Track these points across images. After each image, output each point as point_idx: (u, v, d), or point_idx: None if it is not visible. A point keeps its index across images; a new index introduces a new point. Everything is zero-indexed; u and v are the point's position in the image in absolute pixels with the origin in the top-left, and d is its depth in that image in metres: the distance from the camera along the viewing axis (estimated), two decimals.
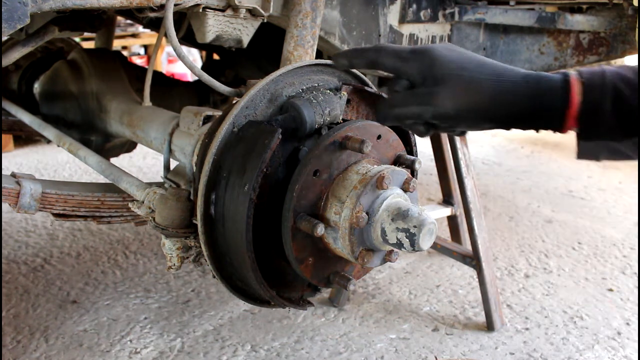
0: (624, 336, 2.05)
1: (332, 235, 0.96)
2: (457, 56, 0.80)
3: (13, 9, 0.95)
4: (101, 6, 1.08)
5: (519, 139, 4.71)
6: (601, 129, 0.73)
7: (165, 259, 1.45)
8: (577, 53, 2.12)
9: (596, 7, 2.06)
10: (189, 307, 2.12)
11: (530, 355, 1.92)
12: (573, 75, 0.74)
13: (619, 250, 2.75)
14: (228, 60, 2.48)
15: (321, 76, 1.08)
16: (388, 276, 2.40)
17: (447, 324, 2.08)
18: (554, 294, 2.31)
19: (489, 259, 2.03)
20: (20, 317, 2.03)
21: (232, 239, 0.96)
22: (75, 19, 1.50)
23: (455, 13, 1.82)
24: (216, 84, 1.16)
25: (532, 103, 0.75)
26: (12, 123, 2.16)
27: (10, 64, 1.57)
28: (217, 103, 2.31)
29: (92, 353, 1.85)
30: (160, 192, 1.15)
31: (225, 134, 0.98)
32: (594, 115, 0.72)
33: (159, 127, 1.46)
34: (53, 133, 1.65)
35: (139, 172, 3.69)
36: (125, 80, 1.88)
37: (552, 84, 0.75)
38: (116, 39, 4.50)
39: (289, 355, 1.88)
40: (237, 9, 1.27)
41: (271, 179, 0.96)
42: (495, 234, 2.87)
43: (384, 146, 1.04)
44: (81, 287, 2.23)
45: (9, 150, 4.00)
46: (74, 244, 2.59)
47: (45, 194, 1.26)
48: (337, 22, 1.57)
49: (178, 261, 1.11)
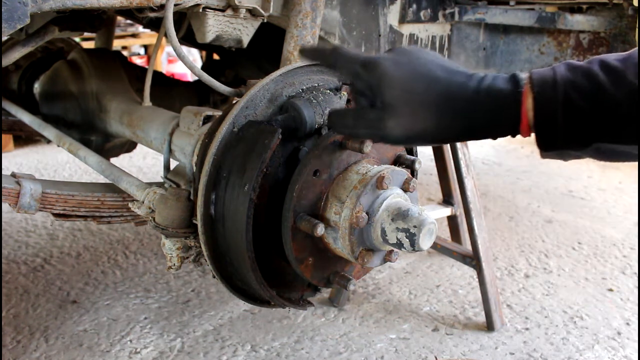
0: (624, 336, 2.05)
1: (332, 235, 0.96)
2: (406, 74, 0.75)
3: (13, 9, 0.95)
4: (101, 6, 1.08)
5: (519, 139, 4.71)
6: (557, 141, 0.70)
7: (165, 259, 1.45)
8: (577, 53, 2.12)
9: (596, 7, 2.06)
10: (189, 307, 2.12)
11: (530, 355, 1.92)
12: (525, 84, 0.70)
13: (619, 250, 2.75)
14: (228, 60, 2.48)
15: (321, 76, 1.08)
16: (388, 276, 2.40)
17: (447, 324, 2.08)
18: (554, 294, 2.31)
19: (489, 259, 2.03)
20: (20, 317, 2.03)
21: (232, 239, 0.96)
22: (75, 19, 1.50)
23: (455, 13, 1.82)
24: (216, 84, 1.17)
25: (484, 120, 0.72)
26: (12, 123, 2.16)
27: (10, 64, 1.57)
28: (217, 103, 2.31)
29: (92, 353, 1.85)
30: (160, 192, 1.15)
31: (225, 134, 0.98)
32: (548, 128, 0.69)
33: (159, 127, 1.46)
34: (53, 133, 1.65)
35: (139, 172, 3.69)
36: (125, 80, 1.88)
37: (503, 97, 0.71)
38: (116, 39, 4.50)
39: (289, 355, 1.88)
40: (237, 9, 1.27)
41: (271, 179, 0.96)
42: (495, 234, 2.87)
43: (384, 146, 1.04)
44: (81, 287, 2.23)
45: (9, 150, 4.00)
46: (74, 244, 2.58)
47: (45, 194, 1.26)
48: (337, 22, 1.57)
49: (178, 261, 1.11)
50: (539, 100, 0.69)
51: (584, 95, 0.67)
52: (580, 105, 0.67)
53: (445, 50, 1.90)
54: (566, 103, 0.68)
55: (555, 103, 0.68)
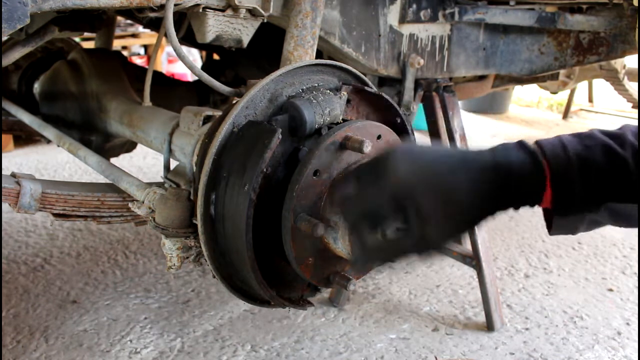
0: (624, 336, 2.05)
1: (332, 235, 0.96)
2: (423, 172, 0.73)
3: (13, 9, 0.95)
4: (101, 6, 1.08)
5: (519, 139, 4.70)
6: (575, 202, 0.71)
7: (165, 259, 1.45)
8: (577, 53, 2.12)
9: (596, 7, 2.06)
10: (189, 307, 2.12)
11: (530, 355, 1.92)
12: (539, 155, 0.72)
13: (619, 250, 2.75)
14: (228, 60, 2.48)
15: (321, 76, 1.08)
16: (388, 276, 2.40)
17: (447, 324, 2.08)
18: (554, 294, 2.31)
19: (489, 259, 2.03)
20: (20, 317, 2.03)
21: (232, 239, 0.96)
22: (75, 19, 1.50)
23: (455, 13, 1.82)
24: (216, 84, 1.17)
25: (509, 198, 0.73)
26: (12, 123, 2.16)
27: (10, 64, 1.57)
28: (217, 103, 2.31)
29: (92, 353, 1.85)
30: (160, 192, 1.15)
31: (225, 134, 0.98)
32: (566, 192, 0.71)
33: (159, 127, 1.46)
34: (53, 133, 1.65)
35: (139, 172, 3.69)
36: (125, 80, 1.88)
37: (523, 172, 0.72)
38: (116, 39, 4.50)
39: (289, 355, 1.88)
40: (237, 9, 1.27)
41: (271, 179, 0.96)
42: (495, 234, 2.87)
43: (384, 146, 1.04)
44: (81, 287, 2.23)
45: (9, 150, 4.00)
46: (74, 244, 2.58)
47: (45, 194, 1.26)
48: (337, 22, 1.57)
49: (178, 261, 1.11)
50: (554, 164, 0.71)
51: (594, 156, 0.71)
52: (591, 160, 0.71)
53: (445, 50, 1.90)
54: (579, 161, 0.71)
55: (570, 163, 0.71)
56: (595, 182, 0.71)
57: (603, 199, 0.71)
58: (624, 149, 0.70)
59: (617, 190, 0.71)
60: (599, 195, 0.71)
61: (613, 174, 0.70)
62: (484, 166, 0.73)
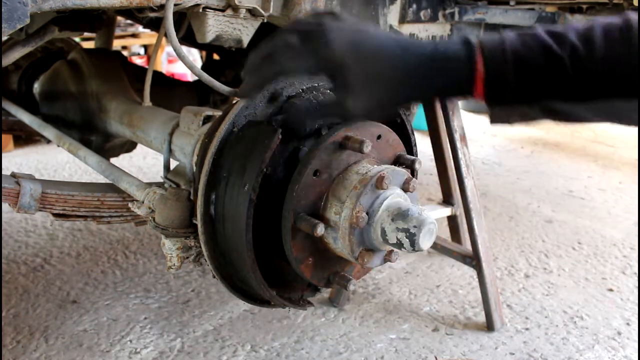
0: (624, 336, 2.05)
1: (332, 235, 0.96)
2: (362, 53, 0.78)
3: (13, 9, 0.95)
4: (101, 6, 1.08)
5: (519, 139, 4.71)
6: (507, 95, 0.75)
7: (165, 259, 1.45)
8: None
9: (596, 7, 2.06)
10: (189, 307, 2.12)
11: (531, 355, 1.92)
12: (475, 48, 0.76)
13: (619, 250, 2.75)
14: (228, 60, 2.48)
15: None
16: (388, 276, 2.40)
17: (447, 324, 2.08)
18: (554, 294, 2.31)
19: (489, 259, 2.03)
20: (20, 317, 2.03)
21: (232, 239, 0.96)
22: (75, 19, 1.50)
23: (455, 13, 1.82)
24: (216, 84, 1.16)
25: (440, 81, 0.78)
26: (12, 123, 2.16)
27: (10, 64, 1.57)
28: (217, 103, 2.31)
29: (92, 353, 1.85)
30: (160, 192, 1.15)
31: (225, 134, 0.98)
32: (499, 83, 0.75)
33: (159, 127, 1.46)
34: (53, 133, 1.65)
35: (139, 172, 3.69)
36: (125, 80, 1.88)
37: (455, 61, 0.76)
38: (116, 39, 4.50)
39: (289, 355, 1.88)
40: (237, 9, 1.27)
41: (271, 179, 0.96)
42: (495, 234, 2.87)
43: (383, 146, 1.04)
44: (81, 287, 2.23)
45: (9, 150, 4.00)
46: (74, 244, 2.58)
47: (45, 194, 1.26)
48: None
49: (178, 261, 1.11)
50: (489, 56, 0.75)
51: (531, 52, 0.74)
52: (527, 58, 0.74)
53: None
54: (514, 57, 0.74)
55: (505, 56, 0.74)
56: (529, 78, 0.74)
57: (537, 94, 0.75)
58: (563, 48, 0.73)
59: (551, 88, 0.74)
60: (532, 90, 0.75)
61: (547, 72, 0.73)
62: (422, 52, 0.78)
